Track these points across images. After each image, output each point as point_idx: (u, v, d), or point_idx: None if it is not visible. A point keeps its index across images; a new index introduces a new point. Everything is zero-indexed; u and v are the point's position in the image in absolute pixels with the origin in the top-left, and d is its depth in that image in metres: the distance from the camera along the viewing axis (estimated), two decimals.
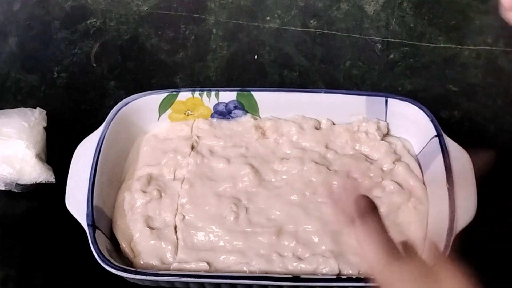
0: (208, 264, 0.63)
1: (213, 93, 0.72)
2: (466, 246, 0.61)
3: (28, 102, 0.80)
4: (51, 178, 0.72)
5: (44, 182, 0.71)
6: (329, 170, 0.68)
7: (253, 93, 0.72)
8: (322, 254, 0.63)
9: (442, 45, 0.86)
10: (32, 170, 0.71)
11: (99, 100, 0.82)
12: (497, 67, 0.84)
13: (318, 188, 0.67)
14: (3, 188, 0.72)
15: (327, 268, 0.62)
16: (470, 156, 0.65)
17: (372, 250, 0.48)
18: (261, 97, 0.72)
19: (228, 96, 0.72)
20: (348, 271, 0.62)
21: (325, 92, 0.72)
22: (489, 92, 0.81)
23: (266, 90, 0.72)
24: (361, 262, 0.62)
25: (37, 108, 0.76)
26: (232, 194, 0.67)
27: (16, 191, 0.72)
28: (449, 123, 0.70)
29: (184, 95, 0.72)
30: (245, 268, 0.62)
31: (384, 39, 0.87)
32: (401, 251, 0.49)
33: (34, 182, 0.71)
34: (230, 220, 0.65)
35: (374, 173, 0.68)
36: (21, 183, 0.71)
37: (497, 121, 0.78)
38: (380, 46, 0.86)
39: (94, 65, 0.86)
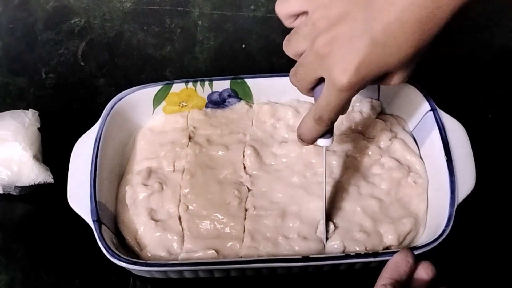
0: (216, 251, 0.63)
1: (206, 82, 0.72)
2: (468, 216, 0.63)
3: (18, 105, 0.79)
4: (50, 179, 0.71)
5: (42, 183, 0.71)
6: (328, 151, 0.69)
7: (246, 80, 0.72)
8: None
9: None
10: (30, 172, 0.70)
11: (90, 98, 0.82)
12: (481, 41, 0.85)
13: (318, 169, 0.67)
14: (1, 192, 0.71)
15: (334, 245, 0.63)
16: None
17: None
18: (254, 83, 0.73)
19: (222, 84, 0.73)
20: (354, 247, 0.63)
21: None
22: (476, 66, 0.82)
23: (260, 77, 0.73)
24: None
25: (30, 109, 0.75)
26: (233, 179, 0.68)
27: (15, 193, 0.72)
28: (439, 98, 0.71)
29: (178, 87, 0.72)
30: (253, 253, 0.63)
31: None
32: None
33: (33, 184, 0.71)
34: (234, 205, 0.66)
35: (372, 151, 0.69)
36: (19, 185, 0.71)
37: (485, 93, 0.80)
38: None
39: (82, 64, 0.85)
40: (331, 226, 0.64)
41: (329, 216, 0.64)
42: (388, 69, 0.53)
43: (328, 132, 0.59)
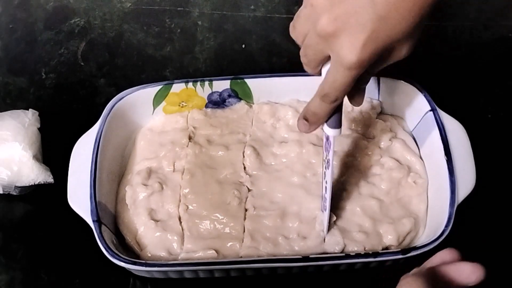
0: (216, 251, 0.63)
1: (206, 82, 0.72)
2: (468, 215, 0.63)
3: (18, 105, 0.79)
4: (50, 179, 0.71)
5: (42, 183, 0.71)
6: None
7: (246, 80, 0.72)
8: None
9: (425, 23, 0.87)
10: (30, 172, 0.70)
11: (90, 99, 0.82)
12: (480, 41, 0.85)
13: (318, 169, 0.67)
14: (1, 192, 0.71)
15: (332, 240, 0.63)
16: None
17: None
18: (254, 83, 0.73)
19: (222, 85, 0.73)
20: (353, 247, 0.63)
21: (318, 74, 0.72)
22: (476, 66, 0.82)
23: (259, 77, 0.73)
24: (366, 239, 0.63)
25: (30, 109, 0.75)
26: (233, 179, 0.68)
27: (15, 194, 0.72)
28: (439, 98, 0.71)
29: (178, 87, 0.72)
30: (253, 253, 0.63)
31: None
32: None
33: (33, 184, 0.71)
34: (234, 205, 0.66)
35: (372, 151, 0.69)
36: (19, 185, 0.71)
37: (485, 93, 0.80)
38: None
39: (82, 64, 0.86)
40: (333, 217, 0.64)
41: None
42: (393, 41, 0.52)
43: (337, 121, 0.58)
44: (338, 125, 0.58)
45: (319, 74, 0.58)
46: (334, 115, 0.57)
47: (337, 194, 0.66)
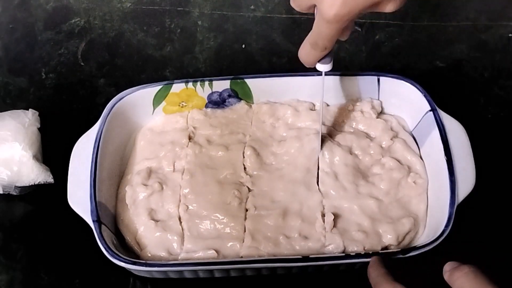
0: (216, 251, 0.63)
1: (206, 82, 0.72)
2: (468, 215, 0.63)
3: (18, 105, 0.79)
4: (50, 179, 0.71)
5: (42, 183, 0.71)
6: (331, 141, 0.69)
7: (246, 80, 0.72)
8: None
9: (425, 23, 0.88)
10: (30, 172, 0.70)
11: (90, 99, 0.82)
12: (480, 41, 0.85)
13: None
14: (1, 192, 0.71)
15: (333, 244, 0.63)
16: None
17: None
18: (254, 83, 0.73)
19: (222, 85, 0.73)
20: (353, 247, 0.62)
21: (318, 75, 0.72)
22: (476, 66, 0.82)
23: (259, 77, 0.73)
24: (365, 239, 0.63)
25: (30, 109, 0.75)
26: (233, 180, 0.68)
27: (15, 194, 0.72)
28: (439, 98, 0.71)
29: (178, 87, 0.72)
30: (254, 253, 0.63)
31: (369, 21, 0.88)
32: None
33: (33, 184, 0.71)
34: (234, 206, 0.66)
35: (374, 150, 0.69)
36: (19, 185, 0.71)
37: (486, 93, 0.80)
38: (365, 29, 0.87)
39: (82, 64, 0.86)
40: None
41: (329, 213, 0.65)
42: (375, 0, 0.53)
43: (327, 57, 0.61)
44: (329, 61, 0.62)
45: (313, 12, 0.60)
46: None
47: (336, 192, 0.66)
